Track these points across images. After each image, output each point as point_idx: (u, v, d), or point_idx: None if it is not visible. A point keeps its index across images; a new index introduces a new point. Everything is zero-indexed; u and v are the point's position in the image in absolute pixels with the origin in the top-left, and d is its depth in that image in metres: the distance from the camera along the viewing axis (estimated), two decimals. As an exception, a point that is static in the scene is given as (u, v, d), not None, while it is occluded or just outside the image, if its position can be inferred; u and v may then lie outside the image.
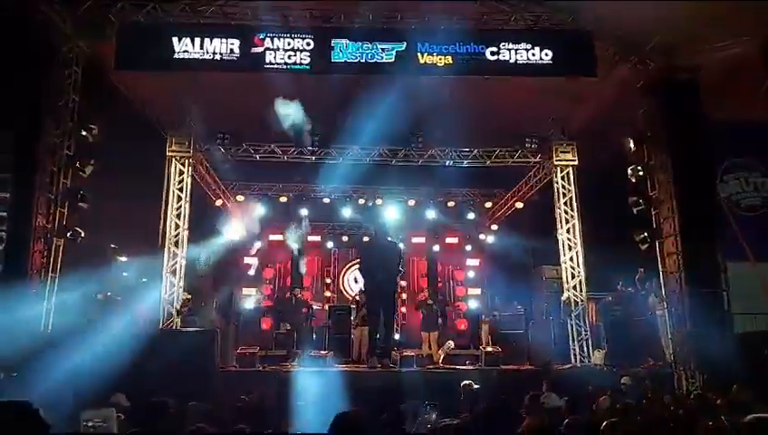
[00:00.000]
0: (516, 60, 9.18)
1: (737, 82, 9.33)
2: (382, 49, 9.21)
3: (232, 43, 8.98)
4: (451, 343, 11.45)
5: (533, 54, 9.16)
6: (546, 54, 9.10)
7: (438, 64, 9.14)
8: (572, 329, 10.86)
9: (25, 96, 8.26)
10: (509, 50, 9.21)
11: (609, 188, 11.41)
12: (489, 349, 11.00)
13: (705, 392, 7.39)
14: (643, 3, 8.00)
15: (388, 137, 11.72)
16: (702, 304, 8.63)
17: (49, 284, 8.48)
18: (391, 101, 9.59)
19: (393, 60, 9.20)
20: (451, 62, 9.14)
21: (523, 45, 9.17)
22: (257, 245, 15.65)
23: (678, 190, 9.08)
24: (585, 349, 10.74)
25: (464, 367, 10.55)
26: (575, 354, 10.69)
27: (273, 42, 9.02)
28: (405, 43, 9.20)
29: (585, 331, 10.83)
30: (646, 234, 9.47)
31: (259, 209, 14.39)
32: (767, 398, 6.28)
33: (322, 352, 10.60)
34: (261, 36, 9.02)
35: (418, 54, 9.14)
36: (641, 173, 9.62)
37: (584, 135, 11.40)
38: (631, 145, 9.68)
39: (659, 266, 9.54)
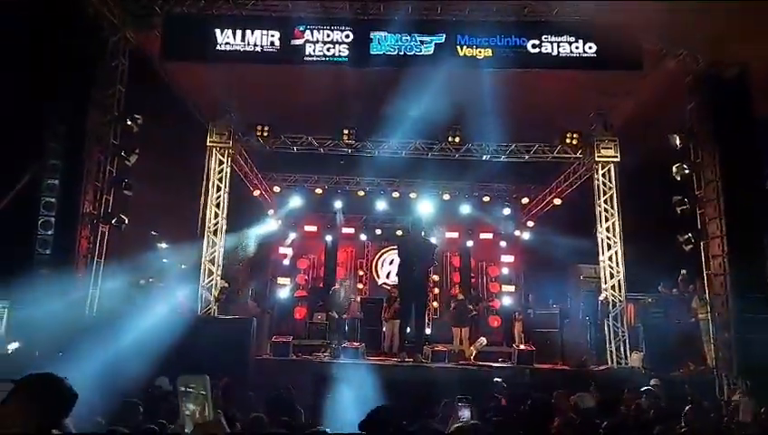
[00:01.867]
0: (559, 53, 8.99)
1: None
2: (421, 41, 9.14)
3: (272, 36, 9.07)
4: (483, 340, 11.38)
5: (577, 47, 8.95)
6: (590, 47, 8.87)
7: (478, 57, 9.02)
8: (609, 330, 10.62)
9: (75, 86, 8.55)
10: (551, 42, 9.02)
11: (650, 186, 11.08)
12: (522, 347, 10.90)
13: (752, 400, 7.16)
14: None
15: (425, 130, 11.65)
16: (748, 308, 8.33)
17: (95, 269, 8.80)
18: (429, 93, 9.53)
19: (432, 52, 9.12)
20: (491, 54, 9.00)
21: (565, 38, 8.96)
22: (292, 235, 15.85)
23: (726, 190, 8.75)
24: (622, 350, 10.49)
25: (496, 364, 10.48)
26: (611, 355, 10.46)
27: (312, 34, 9.07)
28: (444, 36, 9.11)
29: (623, 332, 10.57)
30: (690, 234, 9.17)
31: (295, 200, 14.55)
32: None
33: (354, 343, 10.69)
34: (301, 28, 9.08)
35: (458, 47, 9.04)
36: (687, 171, 9.30)
37: (627, 131, 11.07)
38: (677, 142, 9.36)
39: (703, 268, 9.23)
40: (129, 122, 9.14)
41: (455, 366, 9.97)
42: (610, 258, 11.06)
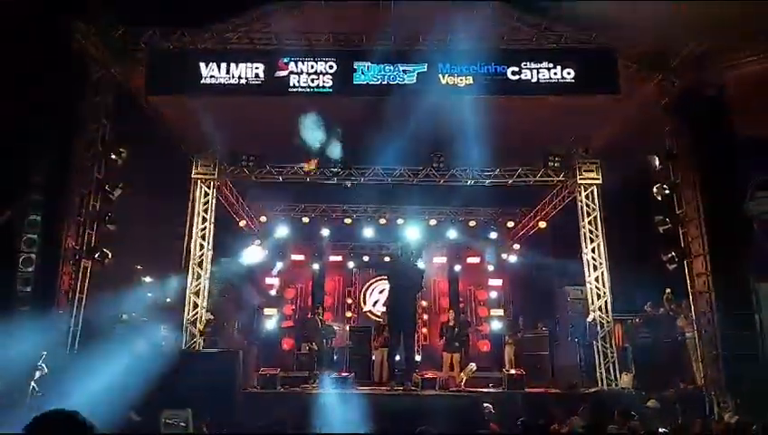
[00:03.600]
0: (538, 79, 9.18)
1: (762, 97, 9.18)
2: (404, 71, 9.30)
3: (257, 68, 9.17)
4: (473, 366, 11.30)
5: (555, 73, 9.15)
6: (568, 73, 9.08)
7: (460, 85, 9.19)
8: (599, 351, 10.62)
9: (59, 121, 8.53)
10: (531, 69, 9.21)
11: (632, 206, 11.25)
12: (512, 371, 10.84)
13: (742, 418, 7.17)
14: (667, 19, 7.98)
15: (410, 157, 11.75)
16: (733, 325, 8.39)
17: (76, 305, 8.64)
18: (413, 121, 9.64)
19: (415, 81, 9.28)
20: (472, 82, 9.18)
21: (544, 64, 9.17)
22: (279, 265, 15.75)
23: (707, 208, 8.89)
24: (612, 372, 10.48)
25: (486, 389, 10.39)
26: (602, 377, 10.43)
27: (296, 65, 9.19)
28: (426, 65, 9.28)
29: (612, 353, 10.58)
30: (673, 253, 9.28)
31: (282, 230, 14.51)
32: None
33: (343, 373, 10.55)
34: (285, 60, 9.20)
35: (440, 75, 9.20)
36: (667, 191, 9.46)
37: (608, 153, 11.29)
38: (657, 163, 9.54)
39: (688, 287, 9.32)
40: (113, 156, 9.11)
41: (445, 393, 9.87)
42: (597, 279, 11.14)
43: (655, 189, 9.50)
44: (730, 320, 8.44)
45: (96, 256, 8.85)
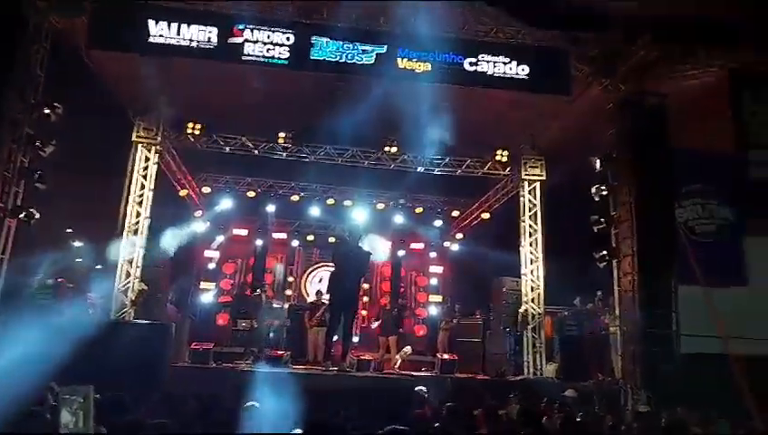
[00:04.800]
0: (494, 72, 9.31)
1: (700, 110, 9.70)
2: (363, 50, 9.20)
3: (210, 32, 8.80)
4: (408, 349, 11.51)
5: (511, 69, 9.31)
6: (523, 70, 9.26)
7: (417, 70, 9.19)
8: (528, 341, 11.06)
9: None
10: (487, 62, 9.33)
11: (572, 205, 11.68)
12: (445, 356, 11.12)
13: (652, 410, 7.68)
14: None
15: (362, 139, 11.71)
16: (652, 323, 8.89)
17: (-2, 265, 8.13)
18: (368, 103, 9.58)
19: (372, 62, 9.20)
20: (430, 69, 9.20)
21: (501, 58, 9.31)
22: (219, 239, 15.38)
23: (639, 212, 9.32)
24: (538, 361, 10.95)
25: (419, 373, 10.63)
26: (528, 366, 10.89)
27: (252, 33, 8.89)
28: (386, 47, 9.22)
29: (540, 343, 11.05)
30: (605, 252, 9.72)
31: (225, 203, 14.15)
32: (709, 419, 6.57)
33: (279, 351, 10.49)
34: (240, 27, 8.88)
35: (398, 59, 9.16)
36: (604, 193, 9.86)
37: (554, 151, 11.65)
38: (597, 165, 9.92)
39: (615, 285, 9.81)
40: (47, 111, 8.54)
41: (378, 375, 10.01)
42: (532, 272, 11.55)
43: (593, 190, 9.88)
44: (650, 318, 8.94)
45: (22, 215, 8.32)
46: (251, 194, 14.37)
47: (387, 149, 11.74)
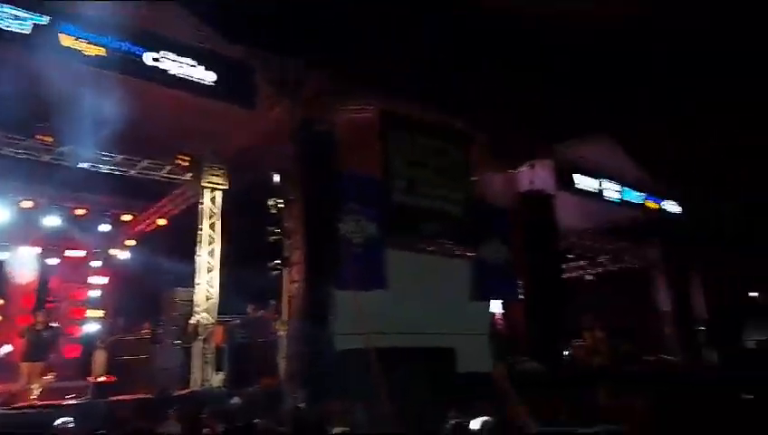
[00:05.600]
0: (178, 73, 8.95)
1: (361, 140, 11.32)
2: (15, 15, 7.69)
3: None
4: (50, 376, 9.95)
5: (197, 72, 9.10)
6: (210, 76, 9.17)
7: (86, 53, 8.13)
8: (197, 353, 10.84)
9: None
10: (172, 61, 8.92)
11: (252, 215, 12.04)
12: (101, 379, 10.01)
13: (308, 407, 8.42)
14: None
15: (8, 120, 9.64)
16: (314, 326, 9.82)
17: None
18: (19, 79, 7.98)
19: (29, 32, 7.76)
20: (104, 54, 8.26)
21: (187, 60, 9.02)
22: None
23: (309, 225, 10.25)
24: (207, 372, 10.84)
25: (67, 401, 9.26)
26: (196, 378, 10.67)
27: None
28: (48, 19, 7.90)
29: (210, 354, 10.95)
30: (278, 261, 10.35)
31: None
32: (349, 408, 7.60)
33: None
34: None
35: (61, 35, 7.95)
36: (281, 205, 10.54)
37: (237, 161, 11.79)
38: (276, 179, 10.54)
39: (284, 292, 10.51)
40: None
41: (8, 411, 8.31)
42: (207, 282, 11.39)
43: (271, 202, 10.47)
44: (312, 322, 9.86)
45: None
46: None
47: (41, 136, 9.95)
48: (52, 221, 12.89)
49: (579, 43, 13.48)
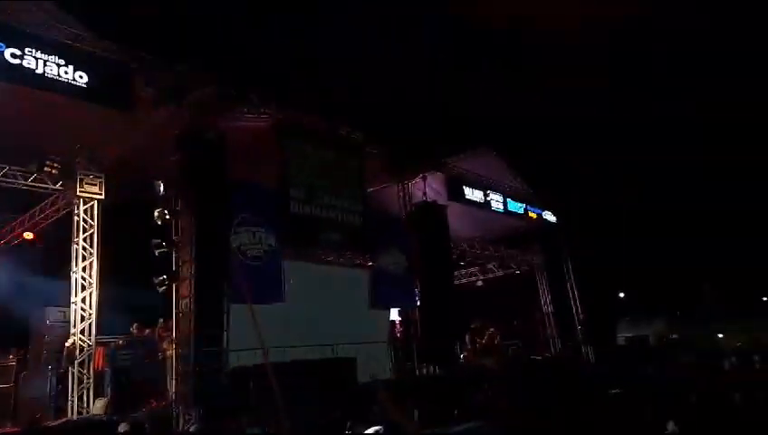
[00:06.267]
0: (45, 72, 8.16)
1: (254, 149, 11.00)
2: None
3: None
4: None
5: (66, 72, 8.36)
6: (81, 77, 8.45)
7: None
8: (74, 378, 9.86)
9: None
10: (37, 59, 8.13)
11: (135, 227, 11.19)
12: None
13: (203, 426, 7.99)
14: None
15: None
16: (206, 343, 9.33)
17: None
18: None
19: None
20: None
21: (54, 59, 8.26)
22: None
23: (198, 238, 9.70)
24: (85, 399, 9.89)
25: None
26: (72, 406, 9.69)
27: None
28: None
29: (88, 378, 10.01)
30: (165, 276, 9.69)
31: None
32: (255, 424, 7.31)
33: None
34: None
35: None
36: (167, 217, 9.88)
37: (116, 170, 10.95)
38: (161, 189, 9.88)
39: (174, 308, 9.86)
40: None
41: None
42: (83, 300, 10.44)
43: (156, 213, 9.77)
44: (204, 338, 9.36)
45: None
46: None
47: None
48: None
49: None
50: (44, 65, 8.11)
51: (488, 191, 16.54)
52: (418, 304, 14.01)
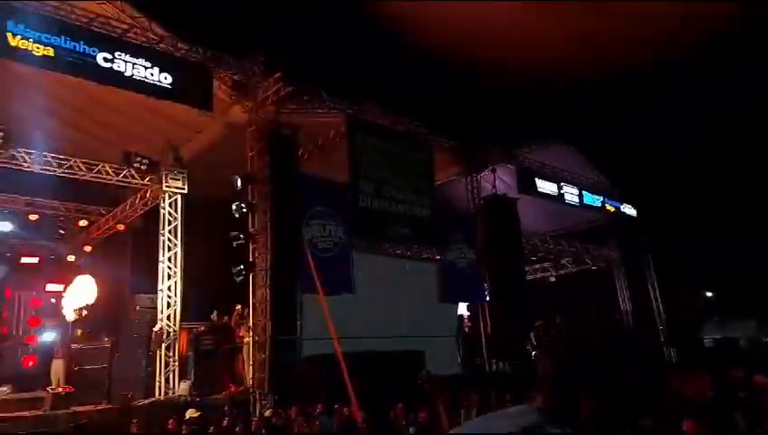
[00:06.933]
0: (133, 74, 8.70)
1: (326, 143, 11.22)
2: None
3: None
4: (5, 389, 9.51)
5: (152, 74, 8.86)
6: (165, 78, 8.93)
7: (35, 53, 7.82)
8: (161, 360, 10.52)
9: None
10: (125, 62, 8.67)
11: (214, 219, 11.75)
12: (59, 389, 9.62)
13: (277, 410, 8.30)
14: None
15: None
16: (280, 332, 9.65)
17: None
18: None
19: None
20: (53, 54, 7.95)
21: (141, 61, 8.78)
22: None
23: (273, 230, 10.05)
24: (171, 380, 10.53)
25: (22, 413, 8.86)
26: (160, 387, 10.35)
27: None
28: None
29: (174, 362, 10.65)
30: (242, 266, 10.10)
31: None
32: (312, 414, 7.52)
33: None
34: None
35: (9, 34, 7.62)
36: (244, 210, 10.28)
37: (196, 165, 11.52)
38: (238, 183, 10.28)
39: (250, 298, 10.27)
40: None
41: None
42: (169, 288, 11.09)
43: (234, 207, 10.19)
44: (278, 327, 9.70)
45: None
46: None
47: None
48: (5, 227, 12.34)
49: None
50: (132, 68, 8.64)
51: (562, 183, 15.91)
52: (488, 298, 13.80)
